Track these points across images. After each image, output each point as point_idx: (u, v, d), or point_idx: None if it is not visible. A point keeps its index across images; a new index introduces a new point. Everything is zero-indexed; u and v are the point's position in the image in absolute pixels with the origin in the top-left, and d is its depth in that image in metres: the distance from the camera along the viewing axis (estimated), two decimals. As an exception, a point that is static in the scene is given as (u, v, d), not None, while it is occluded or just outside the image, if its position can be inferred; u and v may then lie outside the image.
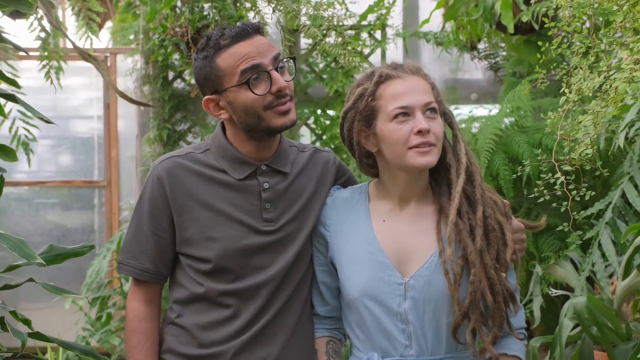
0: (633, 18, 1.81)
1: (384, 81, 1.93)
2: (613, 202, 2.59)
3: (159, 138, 4.68)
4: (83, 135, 5.86)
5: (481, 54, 4.61)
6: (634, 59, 1.75)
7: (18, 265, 2.19)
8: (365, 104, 1.93)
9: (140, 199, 2.09)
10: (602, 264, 2.59)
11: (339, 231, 2.04)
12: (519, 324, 1.99)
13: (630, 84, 1.81)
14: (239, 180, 2.03)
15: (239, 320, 2.01)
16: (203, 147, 2.10)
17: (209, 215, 2.02)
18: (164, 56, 4.25)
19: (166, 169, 2.05)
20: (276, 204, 2.04)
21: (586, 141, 1.78)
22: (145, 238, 2.06)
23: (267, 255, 2.03)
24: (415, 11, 4.89)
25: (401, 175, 1.96)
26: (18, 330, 2.01)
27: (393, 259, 1.95)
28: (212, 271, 2.02)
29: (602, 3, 1.85)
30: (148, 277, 2.07)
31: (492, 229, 1.90)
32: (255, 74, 1.95)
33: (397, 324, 1.93)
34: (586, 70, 1.93)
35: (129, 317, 2.09)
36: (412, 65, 1.97)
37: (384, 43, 4.74)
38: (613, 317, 2.36)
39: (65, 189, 5.81)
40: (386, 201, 2.02)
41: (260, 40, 1.99)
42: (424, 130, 1.87)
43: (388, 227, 1.99)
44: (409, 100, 1.89)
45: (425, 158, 1.89)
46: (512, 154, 3.22)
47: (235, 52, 1.96)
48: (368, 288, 1.94)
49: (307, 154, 2.16)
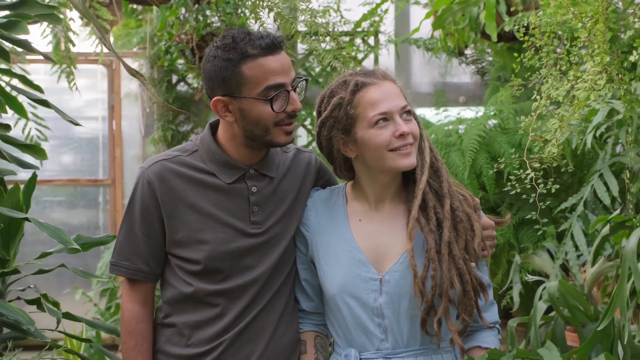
0: (595, 34, 2.08)
1: (360, 89, 1.97)
2: (584, 197, 2.86)
3: (164, 138, 4.94)
4: (88, 135, 6.02)
5: (468, 59, 4.88)
6: (595, 70, 2.02)
7: (49, 252, 2.45)
8: (344, 112, 1.97)
9: (131, 201, 2.09)
10: (574, 252, 2.86)
11: (318, 231, 2.09)
12: (493, 319, 2.05)
13: (592, 92, 2.07)
14: (228, 184, 2.06)
15: (226, 319, 2.05)
16: (190, 149, 2.11)
17: (199, 218, 2.04)
18: (169, 62, 4.49)
19: (156, 173, 2.05)
20: (263, 207, 2.08)
21: (552, 142, 2.04)
22: (137, 240, 2.06)
23: (254, 257, 2.06)
24: (406, 19, 5.15)
25: (379, 177, 2.02)
26: (53, 309, 2.28)
27: (369, 256, 2.00)
28: (201, 272, 2.04)
29: (568, 21, 2.11)
30: (142, 276, 2.08)
31: (460, 220, 1.95)
32: (279, 92, 1.97)
33: (374, 319, 1.98)
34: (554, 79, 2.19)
35: (125, 318, 2.10)
36: (381, 71, 2.02)
37: (376, 49, 5.00)
38: (582, 299, 2.62)
39: (71, 187, 5.99)
40: (362, 202, 2.07)
41: (285, 58, 2.01)
42: (405, 133, 1.93)
43: (364, 226, 2.04)
44: (387, 105, 1.95)
45: (408, 159, 1.95)
46: (495, 153, 3.49)
47: (263, 65, 1.97)
48: (345, 284, 2.00)
49: (290, 154, 2.19)
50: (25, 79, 2.66)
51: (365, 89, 1.97)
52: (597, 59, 2.04)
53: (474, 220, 1.97)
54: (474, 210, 2.00)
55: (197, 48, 4.25)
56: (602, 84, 2.12)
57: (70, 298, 4.90)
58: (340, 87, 2.00)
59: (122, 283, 2.15)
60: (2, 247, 2.26)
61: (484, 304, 2.01)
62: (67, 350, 2.44)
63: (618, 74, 2.21)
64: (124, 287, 2.14)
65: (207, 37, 4.23)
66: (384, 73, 2.02)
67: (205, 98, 4.75)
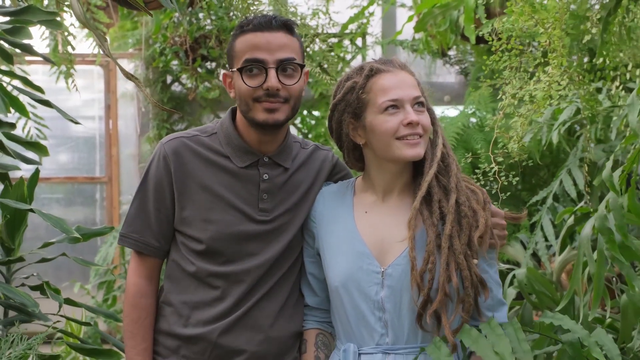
0: (553, 39, 2.27)
1: (374, 75, 1.95)
2: (553, 190, 3.04)
3: (159, 137, 5.11)
4: (85, 134, 6.16)
5: (452, 59, 5.06)
6: (553, 72, 2.21)
7: (52, 242, 2.63)
8: (356, 96, 1.96)
9: (145, 175, 2.11)
10: (543, 242, 3.04)
11: (324, 223, 2.08)
12: (501, 320, 1.97)
13: (551, 92, 2.26)
14: (240, 168, 2.07)
15: (226, 302, 2.05)
16: (209, 131, 2.13)
17: (208, 198, 2.06)
18: (164, 63, 4.66)
19: (172, 149, 2.07)
20: (273, 196, 2.08)
21: (514, 138, 2.23)
22: (148, 214, 2.08)
23: (258, 243, 2.07)
24: (393, 20, 5.33)
25: (388, 167, 1.99)
26: (56, 295, 2.45)
27: (373, 249, 1.97)
28: (204, 252, 2.05)
29: (530, 27, 2.30)
30: (150, 251, 2.10)
31: (465, 215, 1.90)
32: (253, 67, 2.00)
33: (374, 312, 1.95)
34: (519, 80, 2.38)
35: (130, 291, 2.11)
36: (399, 61, 2.00)
37: (364, 50, 5.17)
38: (549, 285, 2.80)
39: (68, 184, 6.14)
40: (370, 193, 2.05)
41: (277, 38, 2.01)
42: (414, 122, 1.90)
43: (369, 218, 2.02)
44: (399, 93, 1.92)
45: (414, 149, 1.92)
46: (471, 149, 3.67)
47: (249, 40, 2.00)
48: (348, 276, 1.97)
49: (308, 150, 2.19)
50: (27, 81, 2.83)
51: (379, 74, 1.95)
52: (556, 62, 2.23)
53: (481, 216, 1.91)
54: (483, 206, 1.95)
55: (191, 50, 4.43)
56: (564, 84, 2.31)
57: (69, 291, 5.04)
58: (357, 73, 2.00)
59: (130, 256, 2.16)
60: (8, 236, 2.44)
61: (492, 303, 1.97)
62: (67, 334, 2.61)
63: (579, 75, 2.40)
64: (132, 261, 2.14)
65: (200, 39, 4.42)
66: (402, 64, 2.00)
67: (198, 98, 4.93)
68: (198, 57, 4.53)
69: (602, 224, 1.91)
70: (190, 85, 4.91)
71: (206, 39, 4.47)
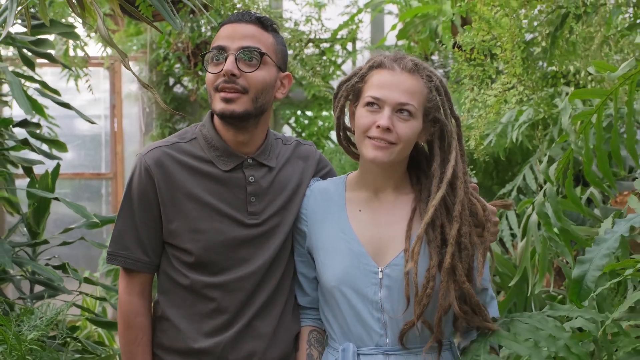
0: (506, 52, 2.63)
1: (376, 67, 1.92)
2: (517, 184, 3.41)
3: (162, 135, 5.46)
4: (91, 132, 6.39)
5: (435, 64, 5.41)
6: (505, 80, 2.57)
7: (71, 228, 2.98)
8: (354, 83, 1.94)
9: (128, 190, 2.03)
10: (508, 231, 3.40)
11: (315, 222, 2.03)
12: (493, 314, 1.99)
13: (506, 97, 2.62)
14: (225, 172, 2.01)
15: (225, 313, 2.00)
16: (189, 136, 2.06)
17: (195, 207, 1.99)
18: (167, 67, 5.02)
19: (154, 160, 2.00)
20: (261, 198, 2.03)
21: (473, 137, 2.59)
22: (135, 228, 2.01)
23: (250, 248, 2.01)
24: (381, 26, 5.67)
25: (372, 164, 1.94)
26: (76, 273, 2.81)
27: (369, 248, 1.93)
28: (196, 263, 1.99)
29: (487, 41, 2.66)
30: (140, 266, 2.03)
31: (465, 248, 1.86)
32: (215, 54, 1.97)
33: (373, 313, 1.91)
34: (481, 86, 2.74)
35: (124, 311, 2.04)
36: (411, 63, 1.92)
37: (354, 54, 5.52)
38: (511, 267, 3.16)
39: (76, 180, 6.41)
40: (363, 190, 2.00)
41: (244, 28, 1.98)
42: (383, 127, 1.85)
43: (364, 217, 1.98)
44: (384, 93, 1.86)
45: (375, 152, 1.88)
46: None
47: (220, 31, 2.00)
48: (345, 276, 1.93)
49: (291, 146, 2.14)
50: (45, 84, 3.19)
51: (379, 69, 1.91)
52: (508, 71, 2.59)
53: (480, 253, 1.88)
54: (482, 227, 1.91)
55: (192, 55, 4.78)
56: (520, 89, 2.67)
57: (77, 280, 5.41)
58: (370, 60, 1.97)
59: (119, 275, 2.08)
60: (34, 222, 2.80)
61: (486, 299, 1.99)
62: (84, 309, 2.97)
63: (532, 82, 2.76)
64: (122, 279, 2.07)
65: (201, 45, 4.76)
66: (412, 67, 1.91)
67: (199, 99, 5.29)
68: (199, 61, 4.89)
69: (540, 209, 2.26)
70: (192, 87, 5.25)
71: (207, 45, 4.84)
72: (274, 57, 2.01)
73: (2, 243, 2.45)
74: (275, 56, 2.01)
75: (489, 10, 2.58)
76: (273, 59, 2.00)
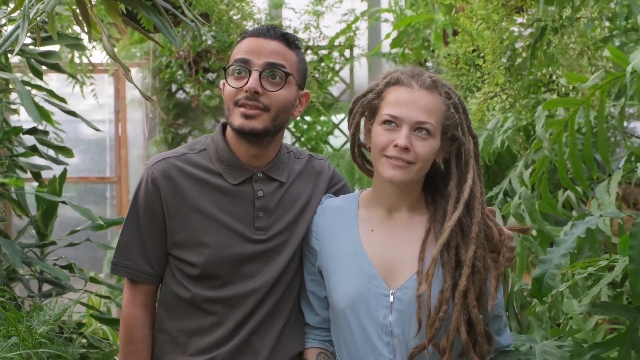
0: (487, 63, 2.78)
1: (393, 84, 1.88)
2: (503, 187, 3.55)
3: (165, 140, 5.62)
4: (96, 137, 6.46)
5: (430, 70, 5.57)
6: (486, 90, 2.72)
7: (77, 230, 3.14)
8: (370, 99, 1.90)
9: (134, 201, 2.01)
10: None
11: (327, 240, 1.98)
12: (506, 342, 1.96)
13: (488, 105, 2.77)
14: (233, 185, 1.98)
15: (223, 328, 1.97)
16: (198, 148, 2.04)
17: (201, 220, 1.96)
18: (170, 74, 5.18)
19: (161, 171, 1.98)
20: (269, 213, 1.99)
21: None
22: (141, 240, 1.99)
23: (256, 264, 1.98)
24: (378, 33, 5.82)
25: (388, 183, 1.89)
26: (82, 272, 2.97)
27: (380, 270, 1.89)
28: (199, 276, 1.97)
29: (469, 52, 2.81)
30: (144, 278, 2.01)
31: (478, 272, 1.80)
32: (239, 67, 1.93)
33: (382, 337, 1.87)
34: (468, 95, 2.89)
35: (126, 323, 2.03)
36: (429, 80, 1.87)
37: (352, 60, 5.67)
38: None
39: (81, 184, 6.53)
40: (377, 209, 1.96)
41: (271, 44, 1.94)
42: (401, 146, 1.81)
43: (376, 237, 1.93)
44: (402, 112, 1.83)
45: (392, 172, 1.84)
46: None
47: (243, 43, 1.96)
48: (355, 298, 1.88)
49: (303, 161, 2.10)
50: (52, 93, 3.34)
51: (397, 86, 1.88)
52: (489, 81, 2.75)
53: (493, 277, 1.82)
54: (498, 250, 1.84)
55: (194, 63, 4.94)
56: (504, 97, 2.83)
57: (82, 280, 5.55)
58: (385, 76, 1.93)
59: (124, 285, 2.07)
60: (43, 224, 2.95)
61: (500, 327, 1.94)
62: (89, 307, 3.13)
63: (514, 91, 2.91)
64: (126, 290, 2.05)
65: (202, 53, 4.93)
66: (431, 84, 1.87)
67: (201, 104, 5.45)
68: (200, 69, 5.04)
69: (515, 210, 2.42)
70: (193, 93, 5.41)
71: (207, 53, 5.00)
72: (297, 76, 1.99)
73: (13, 244, 2.60)
74: (297, 75, 1.99)
75: (472, 23, 2.73)
76: (296, 78, 1.98)
